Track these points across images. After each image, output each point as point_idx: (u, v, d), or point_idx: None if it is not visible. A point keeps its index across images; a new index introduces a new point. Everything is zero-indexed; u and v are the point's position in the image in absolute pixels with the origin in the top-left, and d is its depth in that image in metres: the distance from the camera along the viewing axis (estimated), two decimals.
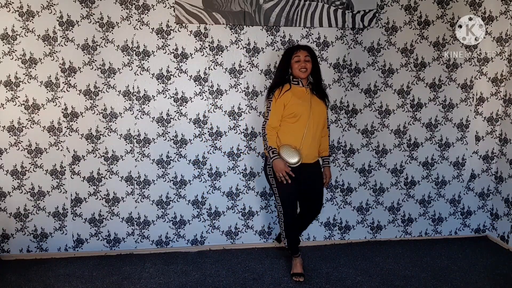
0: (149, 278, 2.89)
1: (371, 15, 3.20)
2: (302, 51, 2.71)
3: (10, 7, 2.92)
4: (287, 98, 2.68)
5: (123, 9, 3.01)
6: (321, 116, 2.77)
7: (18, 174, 3.09)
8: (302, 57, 2.70)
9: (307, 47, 2.75)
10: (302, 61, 2.69)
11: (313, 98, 2.75)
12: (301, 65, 2.69)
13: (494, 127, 3.50)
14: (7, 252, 3.17)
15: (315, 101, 2.75)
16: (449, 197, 3.54)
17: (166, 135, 3.18)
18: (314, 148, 2.78)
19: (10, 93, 3.00)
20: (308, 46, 2.76)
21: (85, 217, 3.20)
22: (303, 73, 2.69)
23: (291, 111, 2.68)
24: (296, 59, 2.71)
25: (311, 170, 2.80)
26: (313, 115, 2.71)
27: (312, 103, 2.73)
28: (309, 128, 2.70)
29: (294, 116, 2.70)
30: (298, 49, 2.73)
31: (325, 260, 3.17)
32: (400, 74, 3.32)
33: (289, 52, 2.74)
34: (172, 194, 3.25)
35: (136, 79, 3.09)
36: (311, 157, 2.78)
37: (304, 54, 2.70)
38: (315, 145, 2.78)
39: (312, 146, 2.75)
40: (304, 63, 2.69)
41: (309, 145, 2.72)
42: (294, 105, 2.68)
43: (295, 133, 2.71)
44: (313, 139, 2.74)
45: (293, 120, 2.71)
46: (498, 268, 3.06)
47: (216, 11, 3.06)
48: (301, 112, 2.69)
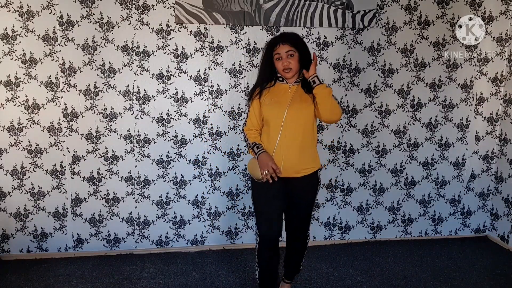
0: (149, 278, 2.89)
1: (371, 15, 3.20)
2: (282, 45, 2.17)
3: (10, 7, 2.92)
4: (263, 98, 2.27)
5: (123, 9, 3.01)
6: (306, 117, 2.24)
7: (18, 174, 3.09)
8: (283, 54, 2.17)
9: (288, 37, 2.19)
10: (284, 58, 2.18)
11: (297, 97, 2.23)
12: (283, 64, 2.19)
13: (494, 127, 3.50)
14: (7, 252, 3.17)
15: (299, 100, 2.23)
16: (449, 197, 3.54)
17: (166, 135, 3.18)
18: (301, 159, 2.24)
19: (10, 93, 3.00)
20: (290, 35, 2.22)
21: (85, 217, 3.20)
22: (288, 73, 2.20)
23: (263, 115, 2.28)
24: (277, 57, 2.20)
25: (297, 184, 2.28)
26: (290, 119, 2.19)
27: (292, 104, 2.21)
28: (285, 135, 2.20)
29: (266, 121, 2.28)
30: (277, 44, 2.19)
31: (325, 260, 3.17)
32: (400, 74, 3.32)
33: (269, 47, 2.25)
34: (172, 194, 3.25)
35: (136, 79, 3.09)
36: (296, 170, 2.24)
37: (286, 49, 2.17)
38: (303, 154, 2.24)
39: (295, 156, 2.22)
40: (287, 61, 2.18)
41: (289, 155, 2.21)
42: (266, 108, 2.25)
43: (269, 142, 2.25)
44: (295, 148, 2.22)
45: (266, 126, 2.29)
46: (498, 268, 3.06)
47: (216, 11, 3.06)
48: (272, 116, 2.23)
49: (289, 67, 2.18)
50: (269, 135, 2.25)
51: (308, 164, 2.28)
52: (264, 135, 2.30)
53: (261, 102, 2.27)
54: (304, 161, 2.26)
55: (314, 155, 2.32)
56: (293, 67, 2.19)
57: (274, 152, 2.23)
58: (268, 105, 2.24)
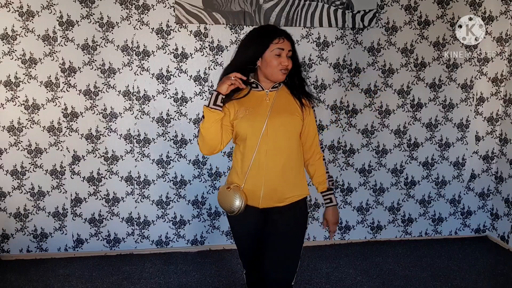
0: (149, 278, 2.89)
1: (371, 15, 3.19)
2: (287, 41, 1.77)
3: (10, 7, 2.92)
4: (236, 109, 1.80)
5: (123, 9, 3.01)
6: (290, 131, 1.81)
7: (18, 174, 3.09)
8: (286, 51, 1.76)
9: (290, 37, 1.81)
10: (284, 56, 1.76)
11: (278, 105, 1.81)
12: (283, 62, 1.75)
13: (494, 127, 3.50)
14: (7, 252, 3.17)
15: (281, 109, 1.80)
16: (449, 197, 3.53)
17: (166, 135, 3.18)
18: (284, 183, 1.81)
19: (10, 93, 3.00)
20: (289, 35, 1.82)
21: (85, 217, 3.20)
22: (283, 76, 1.79)
23: (236, 130, 1.82)
24: (278, 52, 1.75)
25: (279, 217, 1.83)
26: (271, 133, 1.77)
27: (273, 114, 1.78)
28: (264, 154, 1.77)
29: (240, 138, 1.83)
30: (280, 36, 1.76)
31: (325, 260, 3.17)
32: (400, 74, 3.32)
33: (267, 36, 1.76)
34: (172, 194, 3.25)
35: (136, 79, 3.09)
36: (278, 198, 1.81)
37: (288, 46, 1.77)
38: (287, 178, 1.81)
39: (277, 180, 1.79)
40: (287, 61, 1.77)
41: (270, 179, 1.79)
42: (239, 122, 1.79)
43: (244, 163, 1.82)
44: (277, 170, 1.79)
45: (240, 144, 1.85)
46: (498, 268, 3.06)
47: (216, 11, 3.06)
48: (248, 131, 1.78)
49: (287, 68, 1.78)
50: (244, 154, 1.80)
51: (294, 190, 1.83)
52: (238, 154, 1.85)
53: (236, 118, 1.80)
54: (289, 186, 1.82)
55: (301, 179, 1.87)
56: (289, 69, 1.80)
57: (248, 175, 1.79)
58: (243, 118, 1.78)
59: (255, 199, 1.83)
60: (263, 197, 1.81)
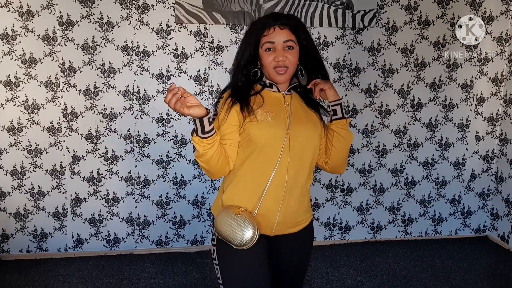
0: (149, 278, 2.89)
1: (371, 15, 3.19)
2: (280, 29, 1.42)
3: (10, 7, 2.92)
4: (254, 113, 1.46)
5: (123, 9, 3.01)
6: (314, 145, 1.52)
7: (18, 174, 3.09)
8: (279, 43, 1.42)
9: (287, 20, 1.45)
10: (279, 50, 1.43)
11: (298, 112, 1.51)
12: (277, 59, 1.43)
13: (495, 127, 3.50)
14: (7, 252, 3.16)
15: (303, 118, 1.51)
16: (449, 197, 3.53)
17: (166, 135, 3.17)
18: (300, 206, 1.53)
19: (10, 93, 3.00)
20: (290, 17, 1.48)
21: (85, 217, 3.20)
22: (282, 75, 1.45)
23: (248, 134, 1.45)
24: (268, 46, 1.43)
25: (290, 243, 1.58)
26: (294, 146, 1.46)
27: (294, 123, 1.47)
28: (286, 170, 1.45)
29: (251, 146, 1.45)
30: (270, 26, 1.43)
31: (325, 260, 3.17)
32: (400, 74, 3.32)
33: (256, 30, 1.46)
34: (172, 194, 3.25)
35: (136, 79, 3.09)
36: (291, 224, 1.53)
37: (283, 37, 1.42)
38: (303, 199, 1.54)
39: (295, 203, 1.50)
40: (283, 56, 1.42)
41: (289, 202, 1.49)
42: (257, 127, 1.44)
43: (254, 180, 1.46)
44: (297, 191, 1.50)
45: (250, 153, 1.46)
46: (498, 268, 3.06)
47: (216, 11, 3.05)
48: (265, 139, 1.44)
49: (285, 65, 1.43)
50: (259, 168, 1.45)
51: (305, 213, 1.59)
52: (247, 171, 1.47)
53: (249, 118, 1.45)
54: (303, 209, 1.56)
55: (309, 201, 1.63)
56: (290, 65, 1.45)
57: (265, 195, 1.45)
58: (263, 123, 1.44)
59: (268, 226, 1.49)
60: (277, 224, 1.49)
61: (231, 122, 1.45)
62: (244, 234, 1.38)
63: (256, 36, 1.46)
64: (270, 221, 1.48)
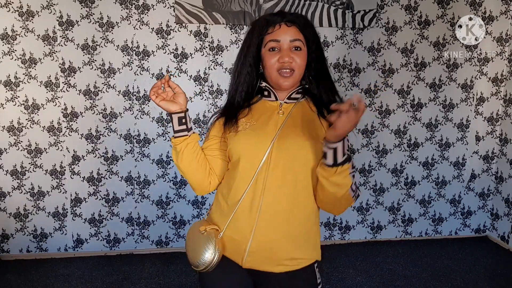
0: (149, 278, 2.89)
1: (371, 15, 3.19)
2: (287, 27, 1.25)
3: (10, 7, 2.92)
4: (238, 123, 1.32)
5: (123, 9, 3.01)
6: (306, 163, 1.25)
7: (18, 174, 3.09)
8: (286, 43, 1.25)
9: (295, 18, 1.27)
10: (284, 50, 1.25)
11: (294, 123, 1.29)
12: (282, 60, 1.24)
13: (495, 127, 3.50)
14: (7, 252, 3.16)
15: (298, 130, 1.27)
16: (449, 197, 3.53)
17: (166, 135, 3.17)
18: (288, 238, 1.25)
19: (10, 93, 3.00)
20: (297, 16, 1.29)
21: (85, 217, 3.20)
22: (287, 79, 1.26)
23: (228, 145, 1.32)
24: (272, 45, 1.25)
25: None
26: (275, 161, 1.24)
27: (283, 135, 1.26)
28: (261, 190, 1.23)
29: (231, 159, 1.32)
30: (274, 24, 1.26)
31: (325, 260, 3.16)
32: (400, 74, 3.32)
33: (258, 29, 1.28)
34: (172, 194, 3.25)
35: (136, 79, 3.09)
36: (275, 259, 1.25)
37: (290, 36, 1.25)
38: (292, 231, 1.26)
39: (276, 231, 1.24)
40: (289, 57, 1.24)
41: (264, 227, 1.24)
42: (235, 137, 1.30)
43: (228, 197, 1.29)
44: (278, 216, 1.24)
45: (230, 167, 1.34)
46: (498, 268, 3.06)
47: (216, 11, 3.05)
48: (241, 150, 1.27)
49: (291, 68, 1.25)
50: (233, 185, 1.27)
51: (302, 250, 1.27)
52: (224, 186, 1.33)
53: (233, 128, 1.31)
54: (296, 243, 1.26)
55: (315, 236, 1.31)
56: (297, 69, 1.26)
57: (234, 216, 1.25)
58: (241, 133, 1.28)
59: (238, 253, 1.26)
60: (249, 253, 1.24)
61: (214, 133, 1.37)
62: (202, 255, 1.23)
63: (259, 34, 1.26)
64: (240, 248, 1.25)
